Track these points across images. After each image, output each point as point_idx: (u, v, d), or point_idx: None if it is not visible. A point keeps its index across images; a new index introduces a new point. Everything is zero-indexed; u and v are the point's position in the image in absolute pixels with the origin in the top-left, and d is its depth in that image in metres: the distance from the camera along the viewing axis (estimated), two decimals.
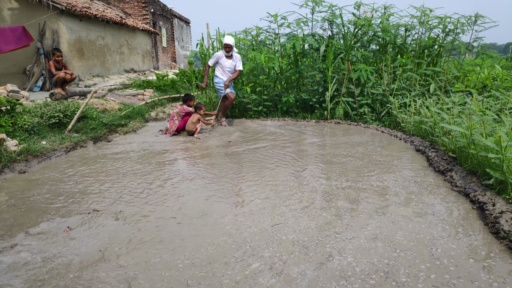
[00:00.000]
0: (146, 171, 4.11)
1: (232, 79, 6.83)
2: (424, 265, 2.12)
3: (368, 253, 2.26)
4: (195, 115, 6.18)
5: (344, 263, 2.15)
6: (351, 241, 2.42)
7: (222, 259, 2.23)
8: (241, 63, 6.90)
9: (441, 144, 4.67)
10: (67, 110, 5.88)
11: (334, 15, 7.57)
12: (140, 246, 2.41)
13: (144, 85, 10.94)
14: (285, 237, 2.48)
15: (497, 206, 2.73)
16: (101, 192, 3.45)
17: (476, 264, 2.12)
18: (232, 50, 6.76)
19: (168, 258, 2.25)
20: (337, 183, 3.57)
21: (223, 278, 2.04)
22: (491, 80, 7.59)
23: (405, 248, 2.32)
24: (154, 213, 2.95)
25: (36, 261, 2.26)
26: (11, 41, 8.56)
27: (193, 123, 6.13)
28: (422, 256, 2.21)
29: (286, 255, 2.25)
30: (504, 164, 2.94)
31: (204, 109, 6.32)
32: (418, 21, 7.37)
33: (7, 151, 4.28)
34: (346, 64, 7.23)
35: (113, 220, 2.82)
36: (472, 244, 2.36)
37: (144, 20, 18.32)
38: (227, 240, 2.46)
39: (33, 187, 3.63)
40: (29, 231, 2.66)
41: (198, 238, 2.50)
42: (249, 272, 2.09)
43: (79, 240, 2.52)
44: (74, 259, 2.27)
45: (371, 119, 7.02)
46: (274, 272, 2.08)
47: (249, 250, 2.32)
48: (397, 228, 2.59)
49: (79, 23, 11.48)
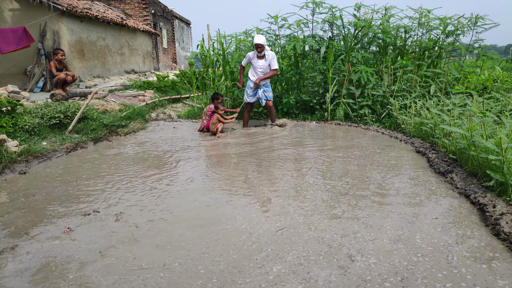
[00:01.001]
0: (146, 169, 4.11)
1: (264, 78, 6.42)
2: (424, 267, 2.12)
3: (368, 253, 2.26)
4: (215, 115, 6.27)
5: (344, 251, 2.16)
6: (351, 239, 2.42)
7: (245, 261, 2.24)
8: (275, 61, 6.47)
9: (441, 145, 4.67)
10: (68, 111, 5.89)
11: (335, 17, 7.58)
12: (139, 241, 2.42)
13: (144, 86, 10.95)
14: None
15: (497, 208, 2.73)
16: (102, 192, 3.45)
17: (474, 263, 2.11)
18: (264, 49, 6.38)
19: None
20: (339, 184, 3.56)
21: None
22: (491, 81, 7.59)
23: (404, 246, 2.32)
24: (153, 213, 2.95)
25: (36, 262, 2.26)
26: (12, 42, 8.57)
27: (213, 123, 6.26)
28: (419, 256, 2.21)
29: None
30: (504, 165, 2.94)
31: (221, 108, 6.33)
32: (418, 22, 7.37)
33: (7, 151, 4.29)
34: (347, 65, 7.24)
35: (113, 221, 2.82)
36: (472, 245, 2.35)
37: (145, 21, 18.35)
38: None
39: (34, 188, 3.63)
40: (29, 232, 2.66)
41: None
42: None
43: (79, 241, 2.52)
44: (74, 260, 2.27)
45: (371, 121, 7.02)
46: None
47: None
48: (398, 227, 2.59)
49: (80, 24, 11.49)
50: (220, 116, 6.31)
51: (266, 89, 6.66)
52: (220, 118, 6.29)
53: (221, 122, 6.30)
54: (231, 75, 8.36)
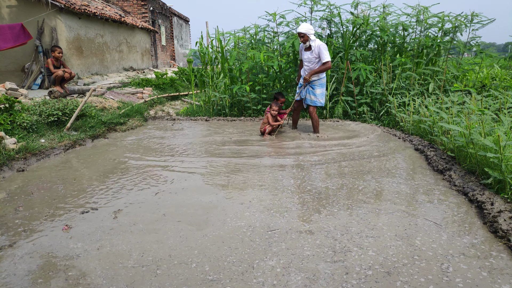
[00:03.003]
0: (146, 166, 4.10)
1: (313, 73, 5.51)
2: (419, 263, 2.12)
3: (368, 250, 2.26)
4: (268, 114, 5.90)
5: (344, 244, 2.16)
6: (347, 235, 2.42)
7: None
8: (325, 52, 5.44)
9: (440, 143, 4.68)
10: (66, 108, 5.87)
11: (333, 14, 7.56)
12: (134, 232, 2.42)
13: (143, 83, 10.92)
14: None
15: (495, 205, 2.74)
16: (99, 190, 3.45)
17: (472, 260, 2.12)
18: (309, 39, 5.51)
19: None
20: (335, 182, 3.57)
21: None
22: (490, 79, 7.59)
23: (402, 243, 2.32)
24: (145, 211, 2.95)
25: (35, 259, 2.25)
26: (9, 38, 8.54)
27: (263, 123, 5.97)
28: (417, 253, 2.22)
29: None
30: (502, 163, 2.95)
31: (275, 108, 5.86)
32: (416, 20, 7.37)
33: (5, 149, 4.28)
34: (345, 63, 7.23)
35: (111, 218, 2.82)
36: (470, 242, 2.36)
37: (143, 18, 18.28)
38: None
39: (32, 185, 3.62)
40: (27, 229, 2.65)
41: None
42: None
43: (76, 238, 2.51)
44: (74, 257, 2.27)
45: (370, 118, 7.02)
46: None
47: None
48: (394, 225, 2.60)
49: (78, 21, 11.44)
50: (270, 117, 5.86)
51: (310, 90, 5.74)
52: (270, 119, 5.86)
53: (268, 122, 5.89)
54: (229, 72, 8.34)
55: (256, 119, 7.63)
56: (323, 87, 5.71)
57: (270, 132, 5.92)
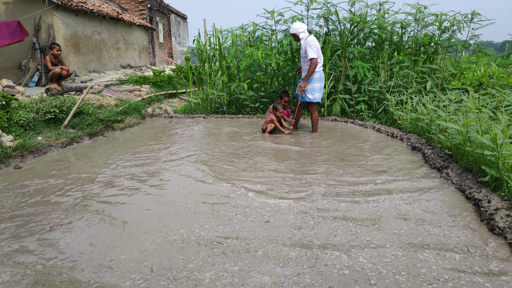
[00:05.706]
0: (142, 164, 4.10)
1: (306, 78, 5.47)
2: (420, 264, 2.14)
3: (372, 251, 2.27)
4: (271, 115, 5.85)
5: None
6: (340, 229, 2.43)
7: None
8: (311, 48, 5.28)
9: (437, 141, 4.69)
10: (63, 106, 5.85)
11: (330, 12, 7.55)
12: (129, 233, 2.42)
13: (140, 81, 10.90)
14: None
15: (492, 203, 2.75)
16: (96, 187, 3.44)
17: (470, 257, 2.13)
18: (299, 38, 5.48)
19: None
20: (333, 179, 3.58)
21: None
22: (487, 77, 7.61)
23: (397, 238, 2.33)
24: (146, 209, 2.95)
25: (29, 258, 2.25)
26: (5, 35, 8.49)
27: (266, 121, 5.91)
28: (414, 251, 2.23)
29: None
30: (499, 161, 2.96)
31: (280, 110, 5.83)
32: (414, 18, 7.37)
33: (2, 146, 4.26)
34: (343, 61, 7.23)
35: (108, 216, 2.82)
36: (466, 239, 2.37)
37: (141, 15, 18.21)
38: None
39: (28, 182, 3.61)
40: (24, 227, 2.65)
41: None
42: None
43: (73, 235, 2.51)
44: (65, 257, 2.27)
45: (367, 116, 7.03)
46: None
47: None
48: (391, 224, 2.61)
49: (75, 18, 11.38)
50: (276, 119, 5.81)
51: (310, 91, 5.64)
52: (275, 121, 5.80)
53: (275, 125, 5.82)
54: (227, 70, 8.33)
55: (254, 117, 7.64)
56: (310, 83, 5.59)
57: (271, 132, 5.93)
